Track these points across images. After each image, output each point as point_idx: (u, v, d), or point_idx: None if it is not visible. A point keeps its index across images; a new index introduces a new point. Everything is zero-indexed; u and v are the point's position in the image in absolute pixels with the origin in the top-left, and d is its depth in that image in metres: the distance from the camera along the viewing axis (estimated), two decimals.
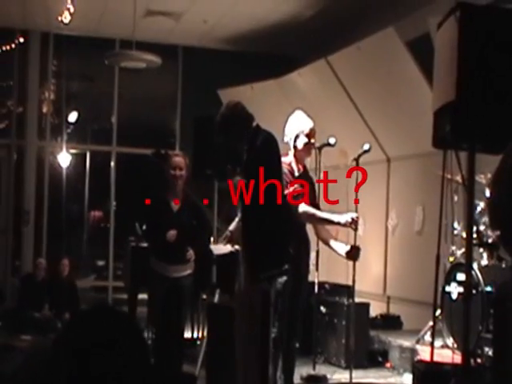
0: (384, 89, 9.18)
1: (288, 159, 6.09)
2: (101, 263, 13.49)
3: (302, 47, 12.31)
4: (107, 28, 12.06)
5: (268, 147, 5.33)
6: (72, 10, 10.37)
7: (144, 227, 7.28)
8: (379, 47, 8.79)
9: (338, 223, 6.19)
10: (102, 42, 12.41)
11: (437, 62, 4.75)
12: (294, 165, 6.11)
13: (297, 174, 6.08)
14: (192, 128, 8.69)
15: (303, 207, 6.00)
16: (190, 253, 6.90)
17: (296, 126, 6.19)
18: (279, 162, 5.48)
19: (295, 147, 6.14)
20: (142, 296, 8.07)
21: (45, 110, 12.85)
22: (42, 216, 12.55)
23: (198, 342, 8.46)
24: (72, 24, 10.75)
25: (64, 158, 12.86)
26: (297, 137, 6.16)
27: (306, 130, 6.16)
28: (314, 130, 6.21)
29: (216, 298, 7.79)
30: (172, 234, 6.75)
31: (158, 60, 10.43)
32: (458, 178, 6.50)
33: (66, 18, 10.51)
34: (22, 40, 12.42)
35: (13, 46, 12.38)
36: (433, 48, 5.03)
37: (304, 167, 6.21)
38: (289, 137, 6.17)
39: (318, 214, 6.16)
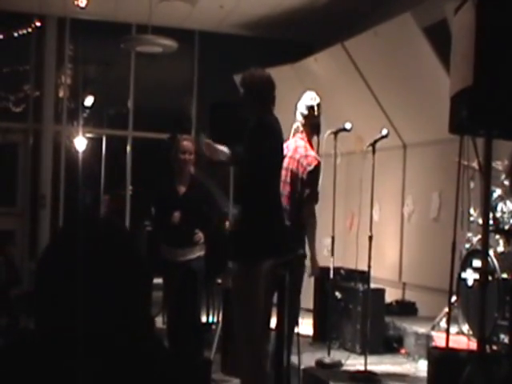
0: (400, 74, 9.15)
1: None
2: None
3: (318, 32, 12.26)
4: (123, 13, 12.05)
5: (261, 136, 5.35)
6: None
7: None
8: (396, 33, 8.75)
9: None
10: (119, 26, 12.40)
11: (454, 47, 4.72)
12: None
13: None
14: (208, 113, 8.68)
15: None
16: (199, 235, 6.91)
17: (307, 104, 6.31)
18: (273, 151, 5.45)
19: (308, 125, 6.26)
20: (158, 281, 8.09)
21: (61, 94, 12.88)
22: (58, 200, 12.60)
23: (214, 327, 8.48)
24: (88, 9, 10.75)
25: (80, 142, 12.88)
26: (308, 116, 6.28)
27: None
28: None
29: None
30: (176, 216, 6.77)
31: (174, 45, 10.42)
32: (475, 165, 6.48)
33: (83, 2, 10.51)
34: (38, 24, 12.44)
35: (29, 30, 12.39)
36: (450, 34, 5.00)
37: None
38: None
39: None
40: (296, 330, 6.35)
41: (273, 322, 6.00)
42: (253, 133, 5.35)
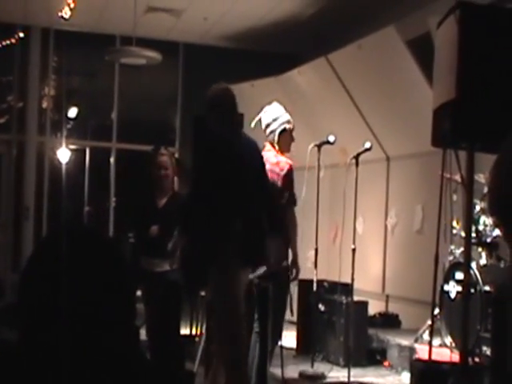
0: (384, 87, 9.18)
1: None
2: None
3: (303, 45, 12.31)
4: (108, 24, 12.06)
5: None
6: (72, 5, 10.37)
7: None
8: (379, 46, 8.80)
9: None
10: (103, 38, 12.40)
11: (437, 60, 4.75)
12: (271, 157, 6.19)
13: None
14: (192, 125, 8.68)
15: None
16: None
17: (277, 121, 6.25)
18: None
19: (279, 142, 6.22)
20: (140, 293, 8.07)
21: (45, 105, 12.85)
22: (41, 211, 12.56)
23: (197, 339, 8.45)
24: (72, 20, 10.75)
25: (64, 154, 12.85)
26: (281, 133, 6.23)
27: (292, 127, 6.25)
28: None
29: None
30: (154, 229, 6.78)
31: (158, 56, 10.43)
32: (458, 178, 6.50)
33: (67, 13, 10.50)
34: (22, 35, 12.42)
35: (13, 41, 12.37)
36: (433, 47, 5.03)
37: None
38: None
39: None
40: (279, 342, 6.34)
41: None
42: (209, 149, 5.45)
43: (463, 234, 6.42)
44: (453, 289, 7.01)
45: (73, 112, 13.05)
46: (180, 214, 6.45)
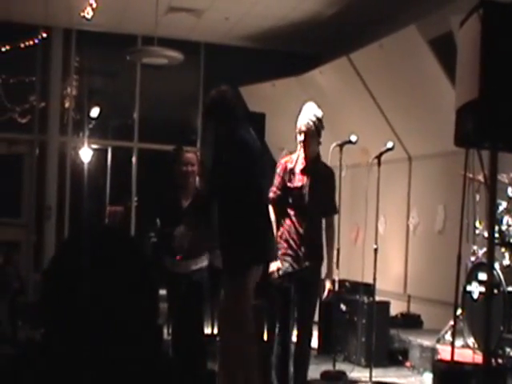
0: (406, 87, 9.15)
1: (295, 154, 6.19)
2: None
3: (324, 45, 12.29)
4: (129, 24, 12.09)
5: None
6: (94, 5, 10.42)
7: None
8: (401, 45, 8.76)
9: None
10: (124, 38, 12.44)
11: (459, 60, 4.72)
12: (300, 159, 6.14)
13: (297, 169, 6.12)
14: None
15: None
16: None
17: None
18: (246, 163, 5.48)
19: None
20: (162, 292, 8.08)
21: (67, 105, 12.90)
22: (63, 211, 12.61)
23: (218, 338, 8.45)
24: (94, 20, 10.80)
25: (86, 154, 12.90)
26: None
27: (297, 128, 6.20)
28: (305, 125, 6.17)
29: None
30: (178, 232, 6.76)
31: (179, 56, 10.44)
32: (480, 177, 6.48)
33: (89, 13, 10.55)
34: (44, 36, 12.48)
35: (36, 41, 12.43)
36: (455, 46, 5.01)
37: (311, 163, 6.18)
38: None
39: None
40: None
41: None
42: (222, 148, 5.48)
43: (486, 235, 6.39)
44: (475, 289, 6.97)
45: (95, 112, 13.09)
46: (195, 207, 6.50)
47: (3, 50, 12.10)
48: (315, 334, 8.74)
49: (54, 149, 12.66)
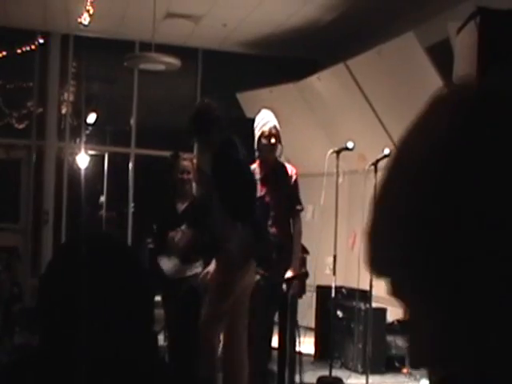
0: (404, 93, 9.16)
1: (252, 166, 6.12)
2: None
3: (322, 51, 12.30)
4: (127, 30, 12.10)
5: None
6: (92, 11, 10.42)
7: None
8: (399, 52, 8.78)
9: None
10: (122, 44, 12.44)
11: (456, 67, 4.73)
12: (256, 169, 6.13)
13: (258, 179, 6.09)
14: None
15: None
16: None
17: (257, 128, 6.21)
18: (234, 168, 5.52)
19: (258, 149, 6.17)
20: (159, 298, 8.08)
21: (64, 111, 12.91)
22: (60, 216, 12.61)
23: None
24: (92, 26, 10.80)
25: (83, 159, 12.90)
26: (258, 139, 6.18)
27: (265, 131, 6.15)
28: (274, 128, 6.15)
29: None
30: (173, 235, 6.79)
31: (177, 62, 10.44)
32: None
33: (86, 19, 10.55)
34: (42, 41, 12.48)
35: (33, 47, 12.43)
36: (452, 53, 5.02)
37: (270, 169, 6.17)
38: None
39: None
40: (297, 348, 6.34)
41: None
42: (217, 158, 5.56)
43: None
44: None
45: (92, 118, 13.09)
46: (195, 211, 6.53)
47: (0, 55, 12.11)
48: (312, 340, 8.76)
49: (51, 154, 12.66)
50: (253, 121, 6.47)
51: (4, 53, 12.10)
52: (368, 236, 0.89)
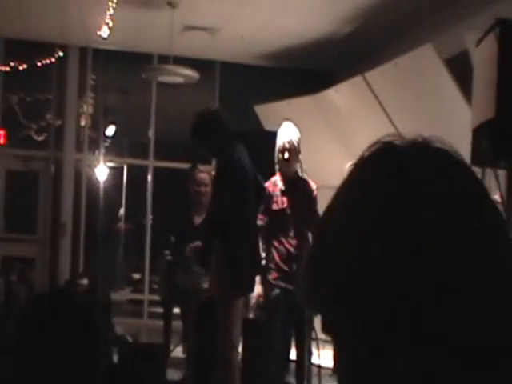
0: (421, 106, 9.14)
1: (274, 177, 6.16)
2: (137, 276, 13.55)
3: (339, 64, 12.31)
4: (145, 43, 12.15)
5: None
6: (110, 24, 10.48)
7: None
8: (417, 64, 8.76)
9: None
10: (140, 56, 12.49)
11: (476, 79, 4.73)
12: (278, 181, 6.13)
13: (278, 191, 6.08)
14: None
15: None
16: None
17: (276, 143, 6.21)
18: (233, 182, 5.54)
19: (276, 163, 6.18)
20: (177, 310, 8.09)
21: (83, 123, 12.96)
22: (79, 228, 12.65)
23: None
24: (110, 39, 10.86)
25: (101, 171, 12.95)
26: (277, 154, 6.18)
27: (280, 145, 6.15)
28: (289, 142, 6.14)
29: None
30: (190, 248, 6.79)
31: (195, 75, 10.47)
32: (497, 197, 6.45)
33: (105, 32, 10.62)
34: (60, 54, 12.55)
35: (52, 60, 12.50)
36: (471, 65, 5.01)
37: (290, 182, 6.17)
38: None
39: None
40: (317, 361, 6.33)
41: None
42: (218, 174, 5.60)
43: None
44: None
45: (110, 130, 13.15)
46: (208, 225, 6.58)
47: (20, 68, 12.18)
48: (331, 353, 8.73)
49: (69, 166, 12.71)
50: (270, 133, 6.46)
51: (24, 66, 12.18)
52: (304, 274, 0.92)
